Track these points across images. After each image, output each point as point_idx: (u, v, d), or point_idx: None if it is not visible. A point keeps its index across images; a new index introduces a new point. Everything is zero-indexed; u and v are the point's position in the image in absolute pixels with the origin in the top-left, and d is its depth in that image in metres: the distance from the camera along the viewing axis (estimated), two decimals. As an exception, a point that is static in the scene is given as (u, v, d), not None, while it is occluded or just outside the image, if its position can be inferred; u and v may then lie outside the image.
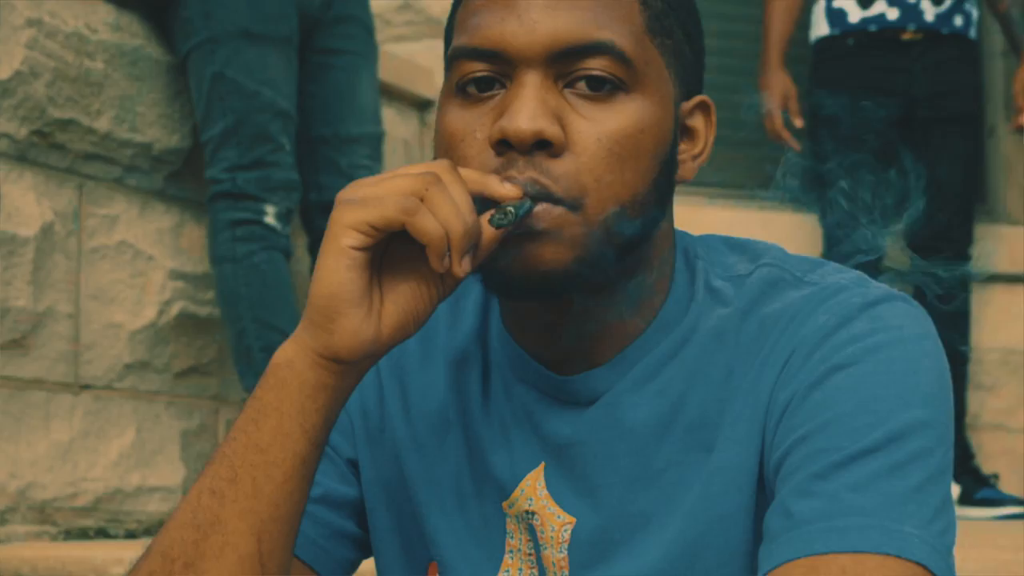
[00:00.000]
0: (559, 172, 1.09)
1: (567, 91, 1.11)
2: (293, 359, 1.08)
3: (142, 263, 3.05)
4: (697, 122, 1.20)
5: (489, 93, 1.12)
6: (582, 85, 1.11)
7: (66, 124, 2.89)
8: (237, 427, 1.10)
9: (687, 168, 1.19)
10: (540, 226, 1.09)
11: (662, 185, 1.14)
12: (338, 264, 1.05)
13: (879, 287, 1.17)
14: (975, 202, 4.21)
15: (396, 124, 3.90)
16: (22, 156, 2.83)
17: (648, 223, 1.14)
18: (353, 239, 1.05)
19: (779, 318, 1.15)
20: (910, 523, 1.03)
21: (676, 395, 1.16)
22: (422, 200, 1.04)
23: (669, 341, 1.17)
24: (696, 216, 3.94)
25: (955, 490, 3.87)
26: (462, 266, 1.06)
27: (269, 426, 1.08)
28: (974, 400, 4.24)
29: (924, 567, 1.02)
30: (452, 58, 1.14)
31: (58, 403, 2.86)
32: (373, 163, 3.18)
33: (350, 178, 3.07)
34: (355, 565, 1.30)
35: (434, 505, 1.23)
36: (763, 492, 1.13)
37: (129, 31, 3.04)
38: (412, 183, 1.05)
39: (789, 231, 4.07)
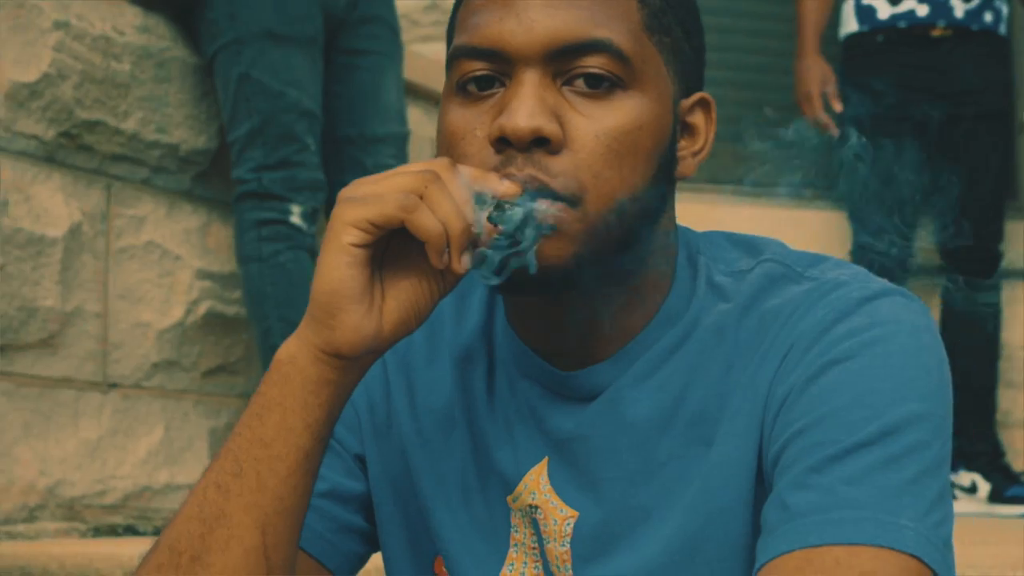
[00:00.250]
0: (557, 169, 1.10)
1: (565, 89, 1.12)
2: (296, 355, 1.10)
3: (169, 263, 3.08)
4: (697, 119, 1.20)
5: (489, 91, 1.13)
6: (580, 83, 1.11)
7: (93, 126, 2.92)
8: (242, 422, 1.11)
9: (687, 164, 1.19)
10: (539, 222, 1.09)
11: (661, 181, 1.15)
12: (339, 261, 1.06)
13: (878, 282, 1.17)
14: (1006, 198, 4.20)
15: (423, 123, 3.91)
16: (50, 157, 2.86)
17: (647, 219, 1.14)
18: (353, 236, 1.06)
19: (779, 313, 1.15)
20: (905, 515, 1.04)
21: (677, 390, 1.17)
22: (421, 198, 1.05)
23: (670, 336, 1.18)
24: (734, 214, 3.97)
25: (984, 487, 3.86)
26: (461, 262, 1.07)
27: (273, 421, 1.09)
28: (1005, 398, 4.22)
29: (918, 559, 1.03)
30: (452, 57, 1.15)
31: (87, 401, 2.89)
32: (398, 163, 3.19)
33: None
34: (363, 559, 1.31)
35: (440, 500, 1.24)
36: (762, 485, 1.13)
37: (156, 33, 3.07)
38: (412, 181, 1.06)
39: (817, 228, 4.07)
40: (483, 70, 1.13)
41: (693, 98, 1.20)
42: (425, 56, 4.04)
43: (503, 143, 1.10)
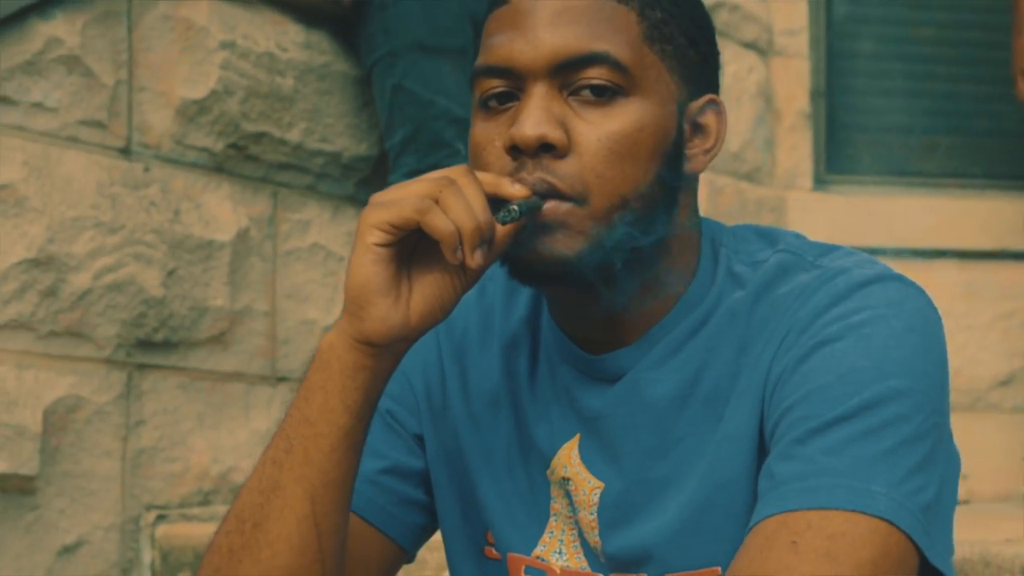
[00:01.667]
0: (564, 171, 1.21)
1: (571, 98, 1.23)
2: (335, 343, 1.23)
3: (334, 263, 3.28)
4: (708, 119, 1.29)
5: (507, 105, 1.25)
6: (586, 93, 1.23)
7: (259, 137, 3.14)
8: (292, 404, 1.26)
9: (699, 161, 1.29)
10: (551, 220, 1.21)
11: (667, 177, 1.25)
12: (364, 259, 1.20)
13: (877, 268, 1.25)
14: None
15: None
16: (219, 167, 3.09)
17: (654, 212, 1.24)
18: (376, 237, 1.19)
19: (786, 299, 1.25)
20: (877, 483, 1.12)
21: (693, 371, 1.27)
22: (437, 201, 1.18)
23: (689, 322, 1.29)
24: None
25: None
26: (475, 258, 1.19)
27: (316, 403, 1.23)
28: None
29: (888, 522, 1.10)
30: (473, 76, 1.28)
31: (257, 394, 3.11)
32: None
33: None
34: (426, 530, 1.44)
35: (486, 474, 1.37)
36: (763, 457, 1.23)
37: (318, 49, 3.28)
38: (429, 186, 1.19)
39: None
40: (500, 87, 1.25)
41: (702, 100, 1.29)
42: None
43: (516, 151, 1.22)
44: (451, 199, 1.18)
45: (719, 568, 1.25)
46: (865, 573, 1.09)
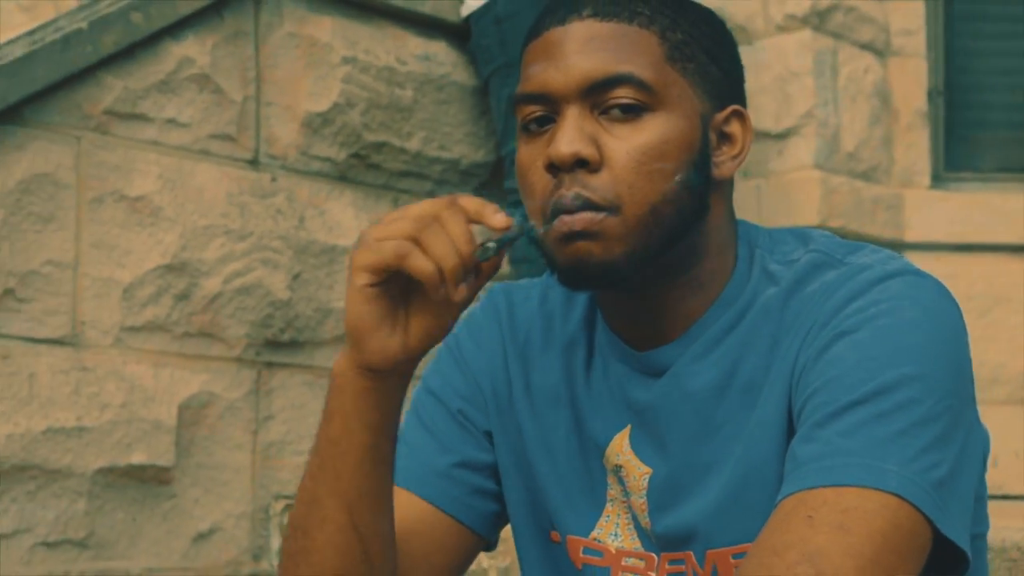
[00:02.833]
0: (597, 184, 1.31)
1: (602, 117, 1.33)
2: (345, 370, 1.31)
3: (452, 266, 3.43)
4: (734, 128, 1.39)
5: (546, 128, 1.35)
6: (615, 111, 1.32)
7: (380, 146, 3.31)
8: (320, 424, 1.35)
9: (727, 167, 1.38)
10: (590, 230, 1.31)
11: (695, 184, 1.34)
12: (356, 299, 1.26)
13: (898, 264, 1.34)
14: None
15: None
16: (342, 176, 3.26)
17: (685, 217, 1.34)
18: (364, 279, 1.26)
19: (815, 295, 1.34)
20: (890, 461, 1.20)
21: (731, 363, 1.37)
22: (418, 241, 1.23)
23: (726, 318, 1.38)
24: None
25: None
26: (458, 293, 1.25)
27: (336, 425, 1.31)
28: None
29: (899, 497, 1.19)
30: (514, 104, 1.38)
31: (379, 391, 3.28)
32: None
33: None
34: (499, 518, 1.53)
35: (548, 465, 1.47)
36: (791, 440, 1.31)
37: (436, 61, 3.43)
38: (411, 226, 1.22)
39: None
40: (538, 111, 1.35)
41: (727, 111, 1.38)
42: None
43: (554, 168, 1.32)
44: (432, 238, 1.21)
45: None
46: (876, 544, 1.17)
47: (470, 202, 1.25)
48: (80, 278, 2.88)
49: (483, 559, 2.71)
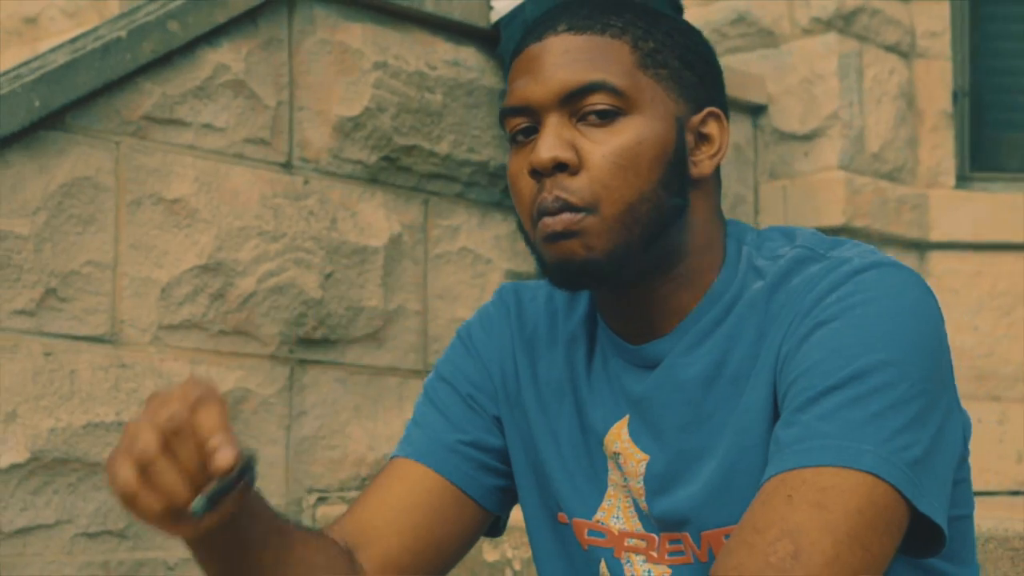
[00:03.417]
0: (576, 187, 1.38)
1: (580, 124, 1.40)
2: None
3: (481, 265, 3.51)
4: (711, 129, 1.45)
5: (531, 138, 1.43)
6: (592, 117, 1.40)
7: (410, 149, 3.39)
8: None
9: (705, 166, 1.44)
10: (571, 230, 1.38)
11: (672, 182, 1.41)
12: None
13: (875, 257, 1.40)
14: None
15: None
16: (373, 178, 3.35)
17: (664, 214, 1.41)
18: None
19: (797, 288, 1.40)
20: (866, 442, 1.26)
21: (720, 354, 1.43)
22: (136, 492, 1.19)
23: (715, 312, 1.45)
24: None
25: None
26: (190, 531, 1.25)
27: (198, 560, 1.38)
28: None
29: (875, 475, 1.25)
30: (501, 117, 1.46)
31: (409, 387, 3.35)
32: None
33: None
34: (503, 492, 1.60)
35: (554, 452, 1.54)
36: None
37: (465, 66, 3.51)
38: (129, 473, 1.19)
39: None
40: (523, 123, 1.43)
41: (703, 113, 1.44)
42: (730, 67, 4.32)
43: (536, 174, 1.40)
44: (140, 502, 1.20)
45: None
46: (853, 520, 1.23)
47: (207, 424, 1.20)
48: (119, 278, 2.95)
49: (507, 550, 2.79)
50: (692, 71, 1.45)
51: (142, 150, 3.00)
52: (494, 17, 3.55)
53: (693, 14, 4.39)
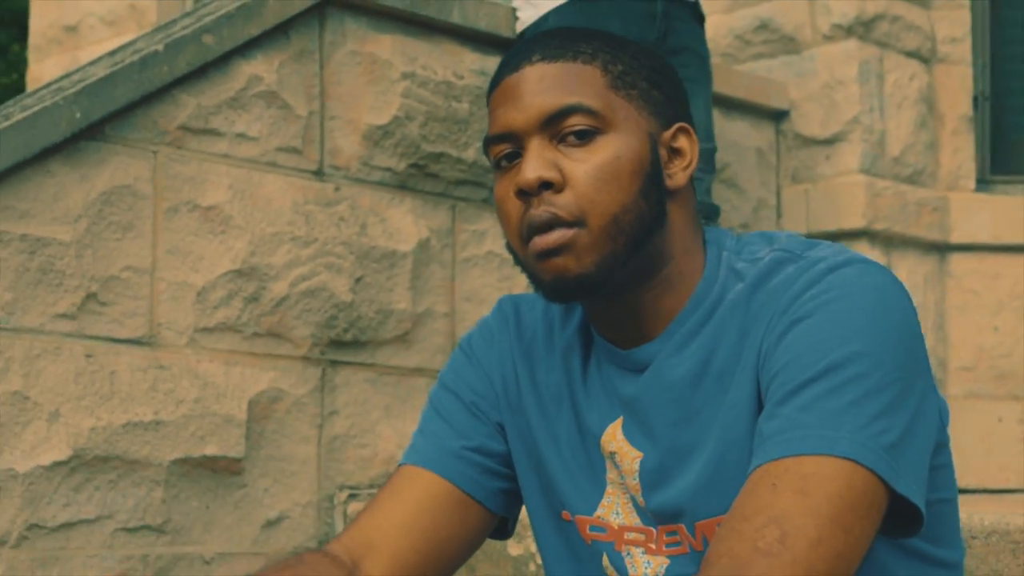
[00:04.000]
0: (562, 203, 1.46)
1: (560, 145, 1.48)
2: None
3: (507, 268, 3.58)
4: (682, 143, 1.53)
5: (515, 163, 1.50)
6: (571, 138, 1.47)
7: (438, 157, 3.48)
8: None
9: (679, 178, 1.53)
10: (561, 245, 1.46)
11: (651, 193, 1.49)
12: None
13: (848, 255, 1.47)
14: None
15: (750, 135, 4.27)
16: (402, 185, 3.43)
17: (646, 224, 1.48)
18: None
19: (776, 288, 1.48)
20: (844, 430, 1.33)
21: (705, 354, 1.50)
22: None
23: (699, 314, 1.52)
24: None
25: None
26: None
27: None
28: None
29: (853, 461, 1.32)
30: (485, 145, 1.54)
31: (438, 387, 3.45)
32: (704, 175, 3.57)
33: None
34: (507, 495, 1.67)
35: (555, 454, 1.62)
36: None
37: (491, 75, 3.58)
38: None
39: None
40: (506, 148, 1.50)
41: (673, 128, 1.53)
42: (752, 74, 4.40)
43: (523, 194, 1.47)
44: None
45: None
46: (834, 504, 1.31)
47: None
48: (157, 282, 3.03)
49: (531, 544, 2.86)
50: (660, 90, 1.53)
51: (178, 159, 3.08)
52: (519, 27, 3.62)
53: (716, 21, 4.47)
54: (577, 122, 1.48)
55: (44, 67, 6.48)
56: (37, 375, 2.85)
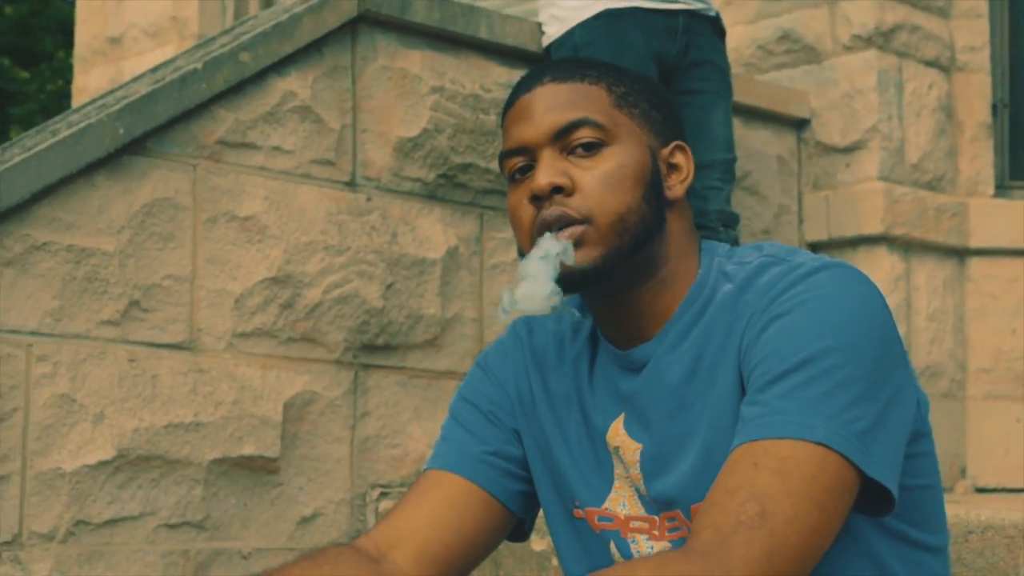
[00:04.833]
0: (573, 204, 1.59)
1: (570, 156, 1.61)
2: None
3: (534, 275, 3.69)
4: (679, 159, 1.66)
5: (527, 175, 1.64)
6: (579, 150, 1.61)
7: (466, 167, 3.58)
8: None
9: (677, 189, 1.66)
10: (575, 239, 1.58)
11: (651, 199, 1.61)
12: None
13: (826, 260, 1.59)
14: None
15: (772, 143, 4.36)
16: (431, 195, 3.54)
17: (648, 226, 1.61)
18: None
19: (761, 287, 1.59)
20: (818, 417, 1.45)
21: (697, 351, 1.62)
22: None
23: (691, 314, 1.64)
24: None
25: None
26: None
27: None
28: None
29: (826, 446, 1.44)
30: (500, 159, 1.68)
31: (467, 390, 3.55)
32: (724, 184, 3.65)
33: (703, 199, 3.60)
34: (526, 496, 1.77)
35: (566, 454, 1.73)
36: None
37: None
38: None
39: None
40: (520, 162, 1.64)
41: (671, 145, 1.66)
42: (775, 83, 4.49)
43: (536, 199, 1.60)
44: None
45: None
46: (808, 484, 1.42)
47: None
48: (196, 290, 3.12)
49: (552, 550, 2.97)
50: (659, 111, 1.67)
51: (217, 172, 3.18)
52: (545, 42, 3.71)
53: (740, 32, 4.56)
54: (585, 135, 1.61)
55: (89, 78, 6.64)
56: (83, 379, 2.94)
